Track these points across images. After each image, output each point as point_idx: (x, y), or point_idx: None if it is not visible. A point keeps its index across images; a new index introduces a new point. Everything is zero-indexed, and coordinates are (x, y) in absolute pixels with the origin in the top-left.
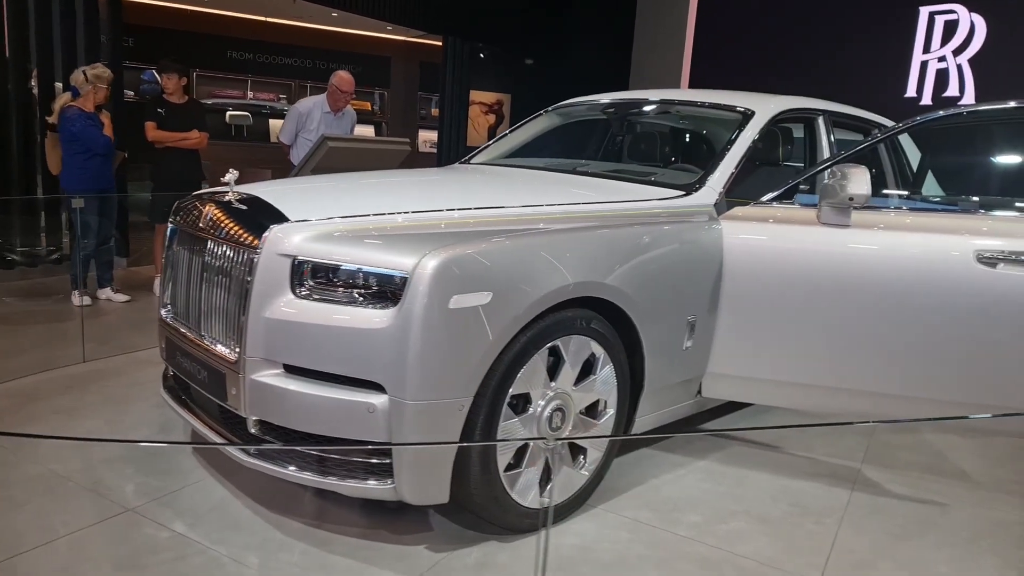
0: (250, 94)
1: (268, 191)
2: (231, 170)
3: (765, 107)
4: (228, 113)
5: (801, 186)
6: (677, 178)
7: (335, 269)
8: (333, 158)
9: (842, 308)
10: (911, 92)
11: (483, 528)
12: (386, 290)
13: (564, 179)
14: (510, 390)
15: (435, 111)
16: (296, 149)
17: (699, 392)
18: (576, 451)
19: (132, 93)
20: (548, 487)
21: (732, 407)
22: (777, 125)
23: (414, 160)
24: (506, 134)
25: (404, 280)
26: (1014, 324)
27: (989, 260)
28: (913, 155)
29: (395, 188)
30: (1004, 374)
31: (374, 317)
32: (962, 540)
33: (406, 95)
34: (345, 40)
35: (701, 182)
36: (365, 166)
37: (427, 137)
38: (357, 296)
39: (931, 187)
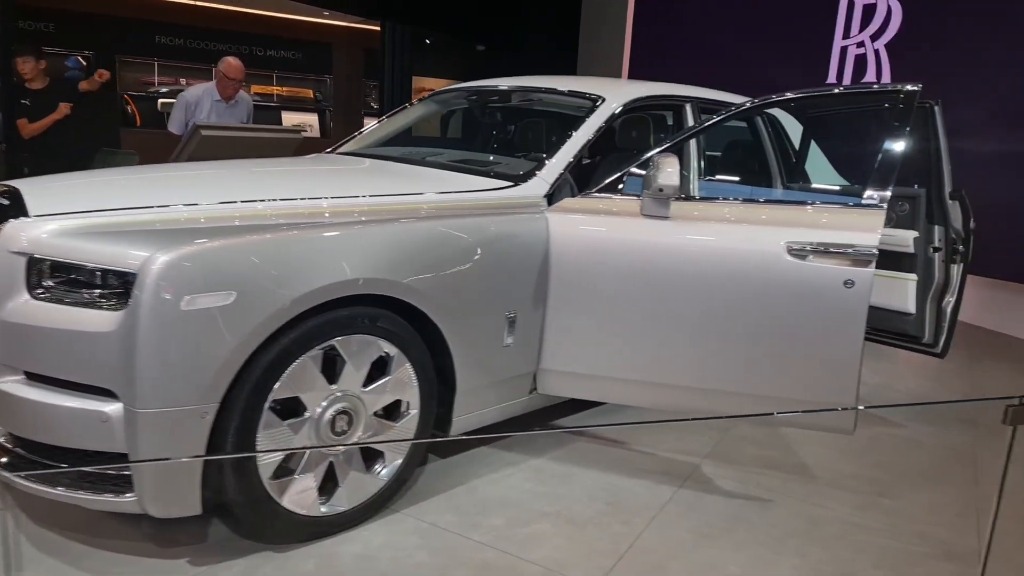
0: (183, 81)
1: (31, 185)
2: None
3: (616, 95)
4: (160, 101)
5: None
6: (515, 168)
7: (69, 267)
8: (210, 147)
9: (660, 302)
10: (832, 78)
11: (264, 538)
12: (118, 290)
13: (394, 169)
14: (271, 395)
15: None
16: None
17: (534, 389)
18: (372, 454)
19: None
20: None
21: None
22: (644, 112)
23: None
24: (367, 127)
25: (133, 278)
26: (822, 317)
27: (799, 252)
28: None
29: (194, 180)
30: (815, 368)
31: (104, 319)
32: (770, 539)
33: (350, 82)
34: (283, 26)
35: (533, 172)
36: (249, 155)
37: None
38: (92, 296)
39: (826, 171)
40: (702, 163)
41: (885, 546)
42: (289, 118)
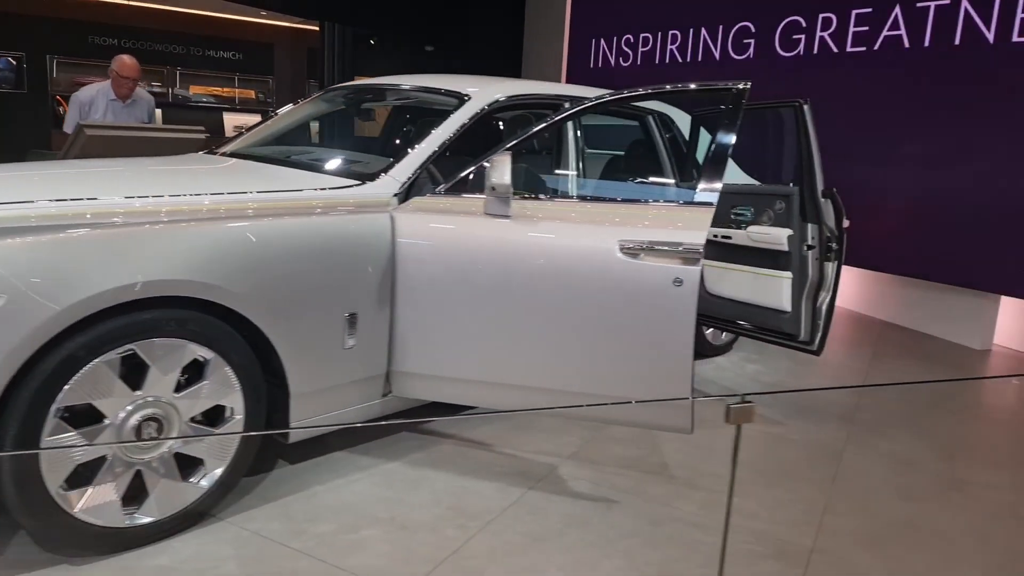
0: None
1: None
2: None
3: (483, 93)
4: None
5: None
6: (373, 166)
7: None
8: (98, 147)
9: (500, 302)
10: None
11: (64, 550)
12: None
13: (248, 169)
14: (57, 402)
15: None
16: None
17: (389, 392)
18: (190, 461)
19: None
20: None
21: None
22: (523, 111)
23: None
24: (254, 125)
25: None
26: (654, 317)
27: (631, 251)
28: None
29: (16, 179)
30: (650, 368)
31: None
32: (603, 541)
33: (293, 82)
34: (223, 25)
35: (383, 171)
36: (144, 155)
37: None
38: None
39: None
40: (581, 163)
41: (719, 545)
42: (232, 119)
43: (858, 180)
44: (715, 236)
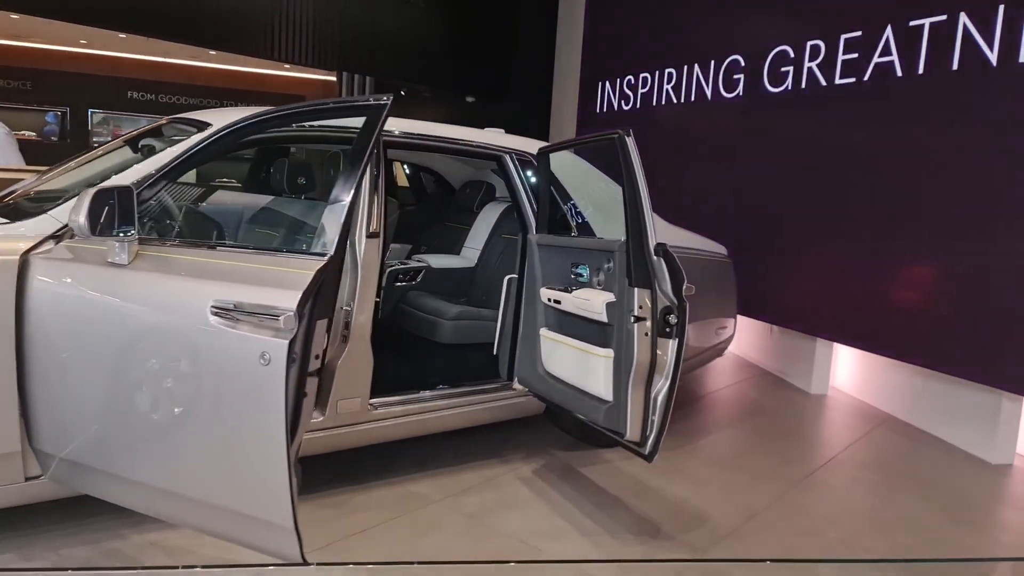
0: None
1: None
2: None
3: (222, 121)
4: None
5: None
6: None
7: None
8: None
9: (108, 372)
10: None
11: None
12: None
13: None
14: None
15: None
16: None
17: (41, 475)
18: None
19: (34, 134)
20: None
21: None
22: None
23: None
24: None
25: None
26: (241, 404)
27: (223, 314)
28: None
29: None
30: (242, 473)
31: None
32: None
33: None
34: (254, 79)
35: (50, 208)
36: None
37: None
38: None
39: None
40: (374, 207)
41: None
42: None
43: (855, 241)
44: (548, 300)
